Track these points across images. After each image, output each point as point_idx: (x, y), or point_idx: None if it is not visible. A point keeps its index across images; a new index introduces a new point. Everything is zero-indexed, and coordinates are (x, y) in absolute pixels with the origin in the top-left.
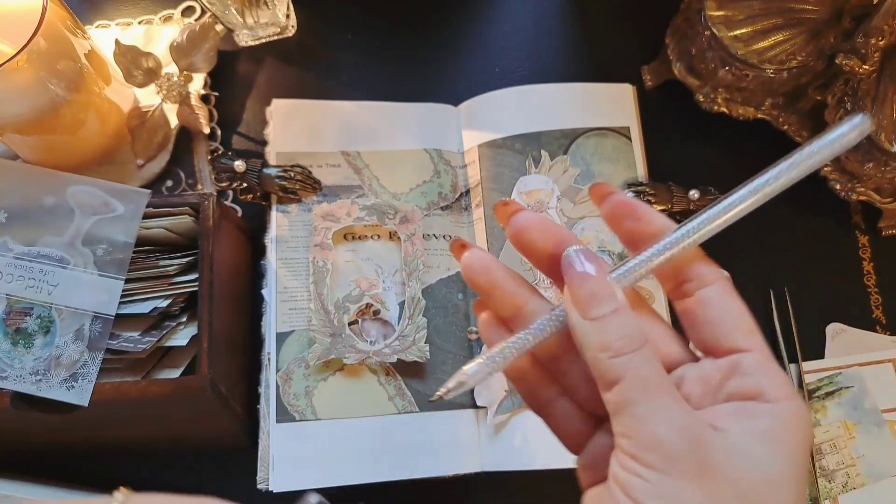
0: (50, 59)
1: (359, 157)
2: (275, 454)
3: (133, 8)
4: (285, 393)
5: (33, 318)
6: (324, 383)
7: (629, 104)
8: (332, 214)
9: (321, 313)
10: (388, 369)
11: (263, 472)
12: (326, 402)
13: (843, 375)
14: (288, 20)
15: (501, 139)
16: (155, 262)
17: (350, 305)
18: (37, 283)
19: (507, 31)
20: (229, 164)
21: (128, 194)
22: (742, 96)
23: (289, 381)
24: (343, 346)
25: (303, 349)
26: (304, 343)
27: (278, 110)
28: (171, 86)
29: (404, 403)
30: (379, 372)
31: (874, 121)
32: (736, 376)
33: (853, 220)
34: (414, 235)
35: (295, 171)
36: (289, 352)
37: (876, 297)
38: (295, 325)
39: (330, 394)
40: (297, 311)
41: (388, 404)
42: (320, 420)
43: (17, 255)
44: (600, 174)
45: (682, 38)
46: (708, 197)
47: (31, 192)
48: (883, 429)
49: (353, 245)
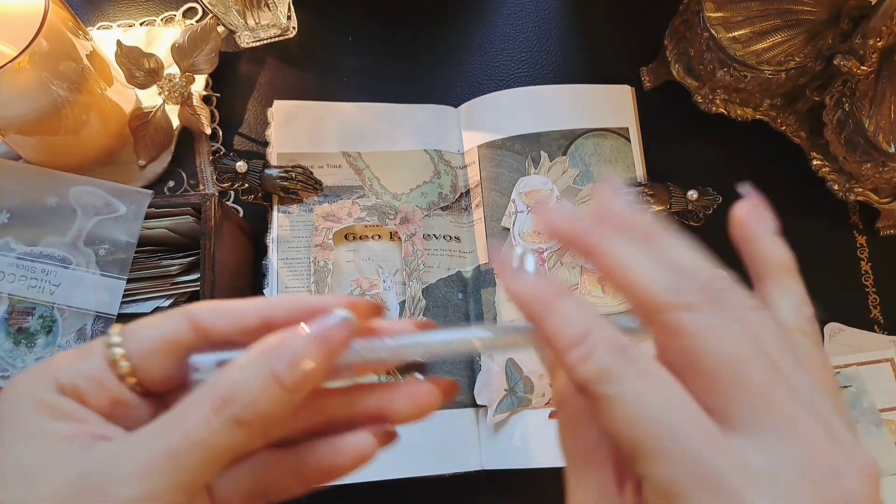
0: (52, 60)
1: (360, 157)
2: None
3: (135, 9)
4: None
5: (35, 318)
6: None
7: (628, 105)
8: (333, 215)
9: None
10: (388, 369)
11: None
12: None
13: (842, 375)
14: (289, 21)
15: (501, 140)
16: (157, 262)
17: None
18: (39, 282)
19: (507, 32)
20: (231, 165)
21: (130, 195)
22: (740, 97)
23: None
24: None
25: None
26: None
27: (279, 111)
28: (173, 87)
29: None
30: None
31: (872, 121)
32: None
33: (851, 221)
34: (414, 236)
35: (296, 171)
36: None
37: (874, 297)
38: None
39: None
40: None
41: None
42: None
43: (19, 255)
44: (599, 175)
45: (681, 40)
46: (707, 198)
47: (34, 193)
48: (881, 428)
49: (354, 245)
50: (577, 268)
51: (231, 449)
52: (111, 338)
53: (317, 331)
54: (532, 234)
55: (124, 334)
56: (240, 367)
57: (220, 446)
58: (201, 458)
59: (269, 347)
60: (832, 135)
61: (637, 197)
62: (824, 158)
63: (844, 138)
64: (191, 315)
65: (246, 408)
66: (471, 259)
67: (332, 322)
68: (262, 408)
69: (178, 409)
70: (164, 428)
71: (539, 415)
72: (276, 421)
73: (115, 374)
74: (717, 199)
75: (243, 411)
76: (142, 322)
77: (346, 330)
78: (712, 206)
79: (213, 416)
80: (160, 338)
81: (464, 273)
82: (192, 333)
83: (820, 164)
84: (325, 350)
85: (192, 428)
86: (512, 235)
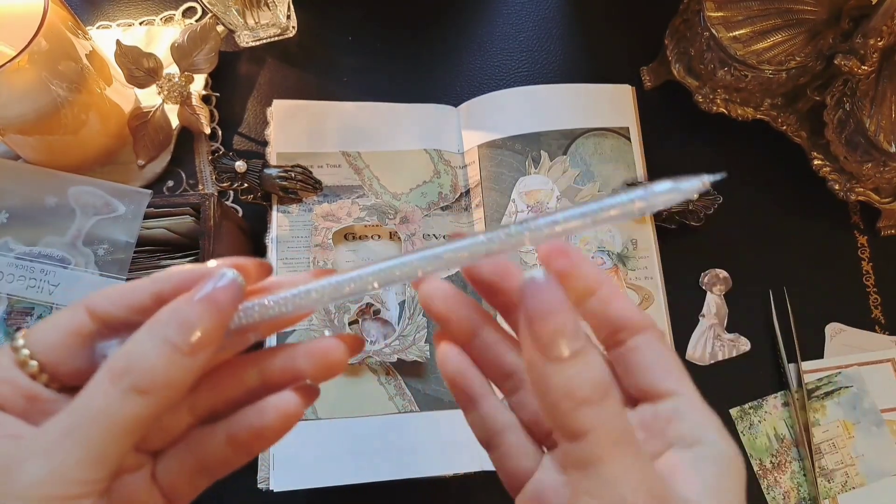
0: (51, 60)
1: (359, 157)
2: (275, 454)
3: (134, 9)
4: None
5: (35, 318)
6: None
7: (629, 105)
8: (333, 214)
9: (322, 313)
10: (388, 369)
11: (264, 471)
12: (327, 402)
13: (843, 375)
14: (289, 21)
15: (501, 139)
16: (156, 261)
17: (351, 305)
18: (38, 282)
19: (507, 32)
20: (230, 165)
21: (129, 194)
22: (741, 97)
23: None
24: None
25: None
26: None
27: (279, 111)
28: (173, 86)
29: (404, 403)
30: (379, 371)
31: (873, 121)
32: (675, 422)
33: (852, 221)
34: (414, 235)
35: (295, 171)
36: None
37: (875, 297)
38: (296, 324)
39: (330, 393)
40: None
41: (388, 404)
42: (321, 419)
43: (18, 254)
44: (599, 174)
45: (682, 39)
46: (707, 197)
47: (33, 193)
48: (882, 428)
49: (354, 245)
50: None
51: (136, 418)
52: (16, 341)
53: (203, 294)
54: None
55: (27, 336)
56: (134, 340)
57: (122, 416)
58: (106, 430)
59: (160, 316)
60: (833, 134)
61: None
62: (825, 158)
63: (845, 138)
64: (87, 304)
65: (143, 376)
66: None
67: (218, 284)
68: (161, 374)
69: (82, 391)
70: (67, 410)
71: None
72: (180, 386)
73: (26, 374)
74: (717, 200)
75: (141, 379)
76: (43, 321)
77: (233, 289)
78: (712, 206)
79: (111, 388)
80: (62, 331)
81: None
82: (92, 322)
83: (821, 163)
84: (213, 310)
85: (91, 401)
86: None
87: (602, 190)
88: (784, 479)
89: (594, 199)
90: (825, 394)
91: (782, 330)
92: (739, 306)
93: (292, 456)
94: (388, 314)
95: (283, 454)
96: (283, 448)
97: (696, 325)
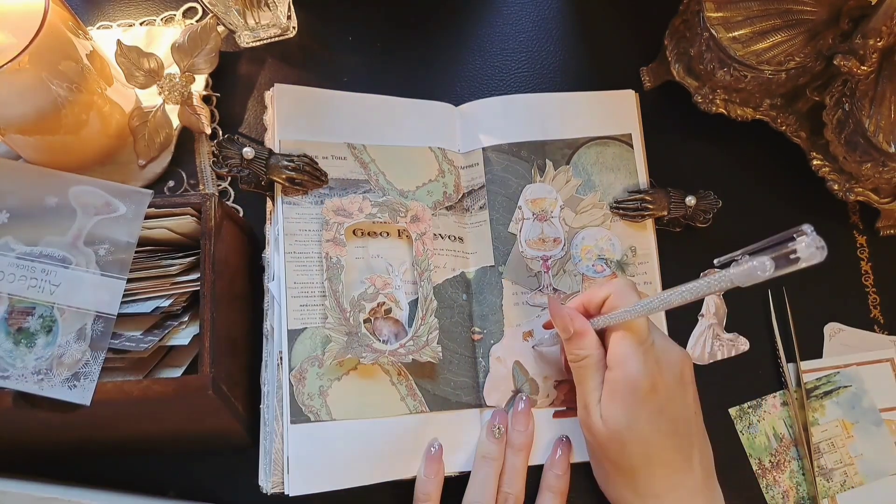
0: (52, 60)
1: (365, 150)
2: (290, 457)
3: (135, 9)
4: (299, 393)
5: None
6: (338, 383)
7: (632, 111)
8: (344, 209)
9: (336, 311)
10: (399, 369)
11: (277, 475)
12: (341, 403)
13: (842, 375)
14: (289, 21)
15: (508, 145)
16: (157, 261)
17: (365, 304)
18: (39, 282)
19: (507, 32)
20: (237, 150)
21: (130, 194)
22: (740, 97)
23: (302, 380)
24: (359, 346)
25: (316, 347)
26: (317, 341)
27: (281, 95)
28: (173, 86)
29: (415, 404)
30: (391, 372)
31: (872, 121)
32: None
33: (851, 221)
34: (425, 234)
35: (303, 160)
36: (301, 350)
37: (874, 297)
38: (307, 321)
39: (344, 394)
40: (308, 308)
41: (400, 405)
42: (335, 421)
43: (19, 254)
44: (601, 184)
45: (681, 40)
46: (708, 200)
47: (34, 193)
48: (881, 428)
49: (363, 241)
50: (578, 275)
51: None
52: None
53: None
54: (537, 241)
55: None
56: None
57: None
58: None
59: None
60: (832, 135)
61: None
62: (824, 158)
63: (844, 138)
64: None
65: None
66: (473, 260)
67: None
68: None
69: None
70: None
71: (543, 415)
72: None
73: None
74: (717, 204)
75: None
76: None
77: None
78: (712, 209)
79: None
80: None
81: (467, 274)
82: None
83: (820, 164)
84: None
85: None
86: (518, 241)
87: (602, 200)
88: (783, 479)
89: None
90: (824, 393)
91: (781, 330)
92: (738, 306)
93: (308, 459)
94: (399, 314)
95: (298, 457)
96: (299, 450)
97: (696, 325)
